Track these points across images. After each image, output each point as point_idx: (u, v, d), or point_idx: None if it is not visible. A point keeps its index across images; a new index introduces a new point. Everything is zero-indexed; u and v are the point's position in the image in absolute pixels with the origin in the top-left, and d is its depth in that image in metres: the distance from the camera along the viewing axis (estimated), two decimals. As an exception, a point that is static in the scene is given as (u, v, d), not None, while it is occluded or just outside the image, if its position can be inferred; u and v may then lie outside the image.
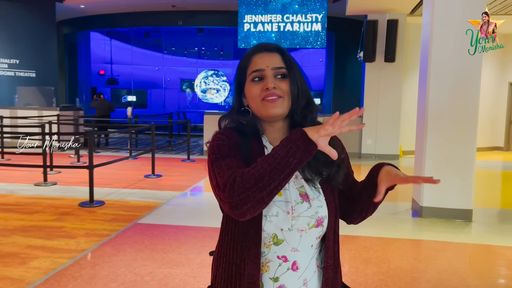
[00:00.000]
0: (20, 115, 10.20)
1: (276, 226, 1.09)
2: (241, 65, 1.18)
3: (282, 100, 1.12)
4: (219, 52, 18.99)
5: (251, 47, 1.21)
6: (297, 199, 1.11)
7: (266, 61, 1.14)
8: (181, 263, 3.44)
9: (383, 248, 3.91)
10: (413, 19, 9.42)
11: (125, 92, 18.63)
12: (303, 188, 1.13)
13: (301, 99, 1.15)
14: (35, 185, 6.25)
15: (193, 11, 14.20)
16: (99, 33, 17.54)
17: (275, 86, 1.12)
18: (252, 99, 1.14)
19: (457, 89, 4.78)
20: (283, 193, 1.11)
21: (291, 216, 1.09)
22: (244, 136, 1.14)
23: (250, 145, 1.14)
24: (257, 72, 1.14)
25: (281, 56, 1.16)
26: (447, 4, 4.77)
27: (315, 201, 1.11)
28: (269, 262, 1.11)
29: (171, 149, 10.59)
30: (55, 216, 4.72)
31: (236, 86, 1.20)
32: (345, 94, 13.93)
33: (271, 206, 1.08)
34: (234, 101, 1.21)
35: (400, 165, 8.89)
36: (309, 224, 1.10)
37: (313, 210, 1.10)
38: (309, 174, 1.13)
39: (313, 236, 1.12)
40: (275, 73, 1.13)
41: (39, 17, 12.11)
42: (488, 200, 6.09)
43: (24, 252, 3.65)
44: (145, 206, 5.20)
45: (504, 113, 11.19)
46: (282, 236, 1.10)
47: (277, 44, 1.19)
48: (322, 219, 1.11)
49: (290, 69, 1.14)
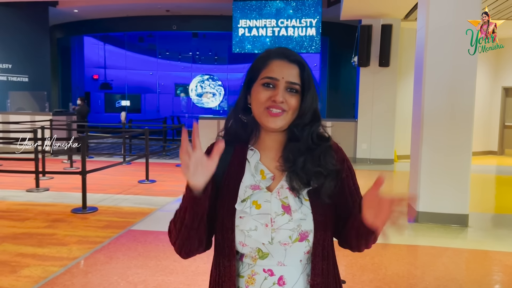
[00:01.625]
0: (12, 120, 10.09)
1: (257, 241, 1.05)
2: (256, 65, 1.12)
3: (285, 115, 1.08)
4: (213, 56, 18.97)
5: (273, 48, 1.14)
6: (278, 211, 1.06)
7: (283, 71, 1.08)
8: (175, 271, 3.38)
9: (379, 254, 3.87)
10: (407, 24, 9.45)
11: (119, 97, 18.54)
12: (286, 199, 1.07)
13: (307, 117, 1.10)
14: (27, 191, 6.16)
15: (188, 15, 14.18)
16: (92, 37, 17.47)
17: (283, 101, 1.07)
18: (256, 102, 1.09)
19: (452, 94, 4.78)
20: (263, 205, 1.07)
21: (270, 228, 1.05)
22: (230, 144, 1.14)
23: (234, 153, 1.14)
24: (270, 79, 1.08)
25: (300, 70, 1.10)
26: (441, 9, 4.78)
27: (297, 213, 1.05)
28: (255, 274, 1.07)
29: (165, 154, 10.52)
30: (47, 223, 4.65)
31: (245, 82, 1.14)
32: (340, 99, 13.95)
33: (248, 221, 1.05)
34: (240, 97, 1.16)
35: (395, 169, 8.89)
36: (291, 238, 1.05)
37: (294, 223, 1.05)
38: (295, 183, 1.08)
39: (299, 250, 1.07)
40: (287, 87, 1.08)
41: (32, 22, 12.03)
42: (484, 205, 6.09)
43: (14, 260, 3.58)
44: (138, 212, 5.14)
45: (498, 117, 11.25)
46: (266, 249, 1.06)
47: (300, 55, 1.12)
48: (306, 233, 1.06)
49: (305, 87, 1.09)
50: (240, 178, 1.11)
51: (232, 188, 1.10)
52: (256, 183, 1.10)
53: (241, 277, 1.09)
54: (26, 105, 11.10)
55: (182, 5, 12.60)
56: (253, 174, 1.11)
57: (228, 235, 1.07)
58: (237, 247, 1.08)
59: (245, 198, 1.08)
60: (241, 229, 1.05)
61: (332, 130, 9.92)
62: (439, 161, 4.81)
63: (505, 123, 11.24)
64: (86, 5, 12.72)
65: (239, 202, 1.07)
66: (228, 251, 1.08)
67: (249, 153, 1.14)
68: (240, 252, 1.09)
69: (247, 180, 1.11)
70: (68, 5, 12.73)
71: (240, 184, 1.10)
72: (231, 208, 1.07)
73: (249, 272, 1.08)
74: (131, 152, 10.67)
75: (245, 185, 1.10)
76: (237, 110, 1.15)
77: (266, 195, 1.08)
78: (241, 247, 1.07)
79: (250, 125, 1.14)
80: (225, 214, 1.07)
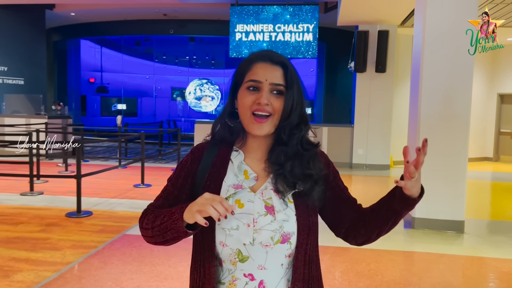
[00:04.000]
0: (7, 123, 10.03)
1: (238, 240, 1.04)
2: (241, 69, 1.13)
3: (270, 120, 1.08)
4: (210, 61, 18.98)
5: (257, 51, 1.14)
6: (261, 211, 1.05)
7: (266, 73, 1.08)
8: (170, 276, 3.35)
9: (375, 261, 3.86)
10: (404, 30, 9.50)
11: (115, 101, 18.50)
12: (270, 200, 1.07)
13: (293, 118, 1.09)
14: (21, 195, 6.11)
15: (185, 20, 14.18)
16: (89, 40, 17.43)
17: (268, 103, 1.07)
18: (242, 107, 1.09)
19: (448, 100, 4.79)
20: (245, 204, 1.06)
21: (252, 228, 1.04)
22: (214, 146, 1.16)
23: (218, 154, 1.15)
24: (254, 82, 1.08)
25: (284, 72, 1.10)
26: (438, 16, 4.80)
27: (280, 214, 1.05)
28: (236, 280, 1.06)
29: (161, 158, 10.48)
30: (41, 227, 4.60)
31: (231, 87, 1.15)
32: (336, 104, 13.96)
33: (230, 219, 1.04)
34: (228, 103, 1.16)
35: (391, 175, 8.89)
36: (273, 239, 1.04)
37: (277, 224, 1.04)
38: (281, 185, 1.07)
39: (281, 253, 1.06)
40: (271, 89, 1.08)
41: (28, 24, 11.99)
42: (480, 211, 6.09)
43: (7, 265, 3.54)
44: (134, 216, 5.10)
45: (493, 123, 11.29)
46: (247, 252, 1.04)
47: (284, 57, 1.13)
48: (288, 235, 1.05)
49: (289, 87, 1.09)
50: (222, 177, 1.11)
51: (213, 188, 1.10)
52: (239, 183, 1.09)
53: (222, 284, 1.08)
54: (21, 108, 11.04)
55: (179, 9, 12.59)
56: (236, 174, 1.11)
57: (208, 235, 1.06)
58: (217, 247, 1.06)
59: (228, 196, 1.07)
60: (223, 227, 1.04)
61: (329, 135, 9.96)
62: (435, 167, 4.81)
63: (501, 129, 11.29)
64: (83, 8, 12.69)
65: None
66: (208, 253, 1.07)
67: (233, 154, 1.15)
68: (220, 254, 1.07)
69: (230, 179, 1.11)
70: (65, 8, 12.69)
71: (222, 183, 1.10)
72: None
73: (229, 278, 1.06)
74: (126, 156, 10.62)
75: (228, 184, 1.10)
76: (224, 115, 1.15)
77: (249, 195, 1.08)
78: (221, 247, 1.06)
79: (237, 129, 1.14)
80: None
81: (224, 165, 1.13)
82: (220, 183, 1.10)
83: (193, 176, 1.15)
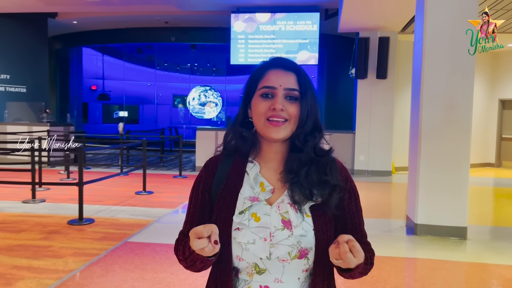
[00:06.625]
0: (9, 130, 10.06)
1: (254, 255, 1.03)
2: (253, 76, 1.12)
3: (287, 124, 1.06)
4: (211, 68, 19.04)
5: (269, 59, 1.13)
6: (277, 225, 1.03)
7: (280, 79, 1.07)
8: (173, 284, 3.34)
9: (378, 267, 3.84)
10: (404, 36, 9.53)
11: (117, 108, 18.54)
12: (287, 214, 1.04)
13: (308, 125, 1.08)
14: (23, 202, 6.11)
15: (186, 27, 14.24)
16: (91, 48, 17.51)
17: (282, 108, 1.05)
18: (257, 115, 1.08)
19: (450, 106, 4.79)
20: (262, 218, 1.04)
21: (269, 243, 1.02)
22: (228, 157, 1.14)
23: (232, 165, 1.13)
24: (268, 88, 1.07)
25: (297, 77, 1.09)
26: (438, 23, 4.82)
27: (297, 229, 1.03)
28: None
29: (163, 165, 10.49)
30: (43, 235, 4.60)
31: (244, 96, 1.13)
32: (337, 110, 13.96)
33: (246, 233, 1.03)
34: (240, 111, 1.14)
35: (392, 181, 8.88)
36: (290, 254, 1.02)
37: (294, 239, 1.02)
38: (297, 195, 1.05)
39: (298, 268, 1.04)
40: (286, 94, 1.07)
41: (31, 32, 12.06)
42: (482, 217, 6.07)
43: (9, 273, 3.53)
44: (135, 224, 5.10)
45: (495, 129, 11.29)
46: (264, 265, 1.03)
47: (295, 63, 1.12)
48: (306, 251, 1.03)
49: (303, 93, 1.08)
50: (238, 190, 1.09)
51: (229, 200, 1.08)
52: (255, 195, 1.07)
53: None
54: (23, 116, 11.08)
55: (180, 17, 12.66)
56: (252, 186, 1.09)
57: (225, 250, 1.04)
58: (233, 261, 1.06)
59: (244, 209, 1.05)
60: (239, 241, 1.03)
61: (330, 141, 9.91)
62: (437, 173, 4.81)
63: (502, 135, 11.28)
64: (85, 16, 12.77)
65: (237, 214, 1.05)
66: (225, 266, 1.06)
67: (249, 165, 1.12)
68: (236, 267, 1.07)
69: (246, 192, 1.08)
70: (68, 16, 12.77)
71: (238, 196, 1.08)
72: (228, 220, 1.05)
73: None
74: (128, 163, 10.63)
75: (244, 196, 1.07)
76: (236, 124, 1.14)
77: (265, 208, 1.05)
78: (237, 261, 1.05)
79: (250, 139, 1.12)
80: (221, 226, 1.04)
81: (240, 177, 1.11)
82: (236, 195, 1.08)
83: (209, 190, 1.13)
